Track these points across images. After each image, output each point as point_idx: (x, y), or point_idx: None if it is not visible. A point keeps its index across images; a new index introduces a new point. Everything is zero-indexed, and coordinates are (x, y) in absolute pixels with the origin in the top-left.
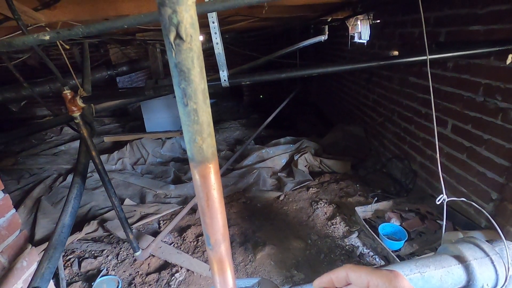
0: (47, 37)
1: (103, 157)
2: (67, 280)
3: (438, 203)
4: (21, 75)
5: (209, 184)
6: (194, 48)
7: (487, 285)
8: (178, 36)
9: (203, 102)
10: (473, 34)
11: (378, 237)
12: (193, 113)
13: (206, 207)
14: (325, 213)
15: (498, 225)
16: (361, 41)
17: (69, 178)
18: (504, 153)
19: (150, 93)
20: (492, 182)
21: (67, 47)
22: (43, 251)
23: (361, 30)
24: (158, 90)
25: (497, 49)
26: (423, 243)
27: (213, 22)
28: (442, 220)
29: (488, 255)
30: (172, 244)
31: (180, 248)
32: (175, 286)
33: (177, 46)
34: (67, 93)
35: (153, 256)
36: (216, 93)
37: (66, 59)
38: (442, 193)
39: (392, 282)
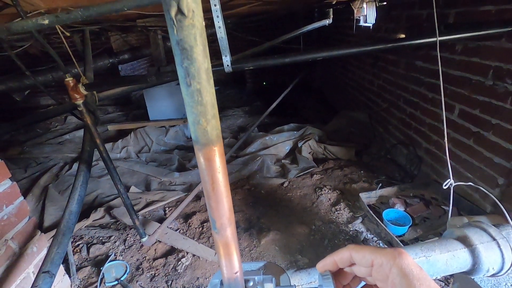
0: (46, 21)
1: (108, 146)
2: (76, 265)
3: (445, 187)
4: (23, 64)
5: (214, 167)
6: (196, 24)
7: (493, 268)
8: (180, 11)
9: (206, 82)
10: (484, 14)
11: (382, 222)
12: (196, 94)
13: (211, 190)
14: (329, 199)
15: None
16: (366, 24)
17: (75, 166)
18: None
19: (152, 79)
20: (499, 167)
21: (68, 34)
22: (52, 238)
23: (367, 13)
24: (161, 77)
25: (510, 29)
26: (428, 228)
27: (215, 5)
28: (447, 206)
29: (494, 239)
30: (178, 230)
31: (186, 234)
32: (181, 270)
33: (179, 22)
34: (69, 80)
35: (160, 242)
36: (219, 81)
37: (67, 47)
38: (449, 178)
39: (396, 260)
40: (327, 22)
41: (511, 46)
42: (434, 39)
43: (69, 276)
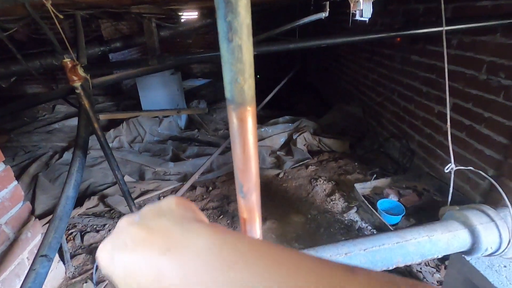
0: None
1: None
2: (70, 253)
3: (446, 171)
4: (9, 49)
5: (246, 128)
6: None
7: (491, 248)
8: None
9: (247, 38)
10: (480, 9)
11: (377, 212)
12: (237, 50)
13: (241, 152)
14: (324, 189)
15: (494, 201)
16: (362, 19)
17: (66, 155)
18: (503, 130)
19: (154, 62)
20: (490, 159)
21: (61, 17)
22: (45, 225)
23: (363, 7)
24: (163, 60)
25: (509, 21)
26: (420, 218)
27: None
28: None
29: (493, 220)
30: None
31: None
32: None
33: None
34: (67, 61)
35: None
36: (211, 72)
37: (61, 31)
38: (450, 162)
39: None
40: (323, 15)
41: (505, 41)
42: (440, 28)
43: (63, 263)
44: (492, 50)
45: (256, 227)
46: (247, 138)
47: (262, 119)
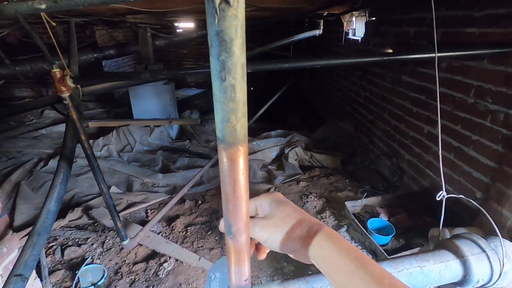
0: (43, 6)
1: None
2: (49, 268)
3: (438, 199)
4: None
5: (238, 168)
6: (239, 16)
7: (482, 280)
8: (225, 0)
9: (241, 78)
10: (468, 36)
11: (367, 231)
12: (230, 89)
13: (231, 193)
14: (315, 206)
15: (482, 223)
16: (355, 37)
17: (51, 163)
18: (490, 153)
19: (146, 76)
20: (477, 181)
21: (54, 24)
22: (24, 237)
23: (356, 27)
24: (155, 74)
25: (498, 51)
26: (410, 238)
27: None
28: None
29: (484, 251)
30: (160, 234)
31: (169, 238)
32: (163, 276)
33: (222, 12)
34: (56, 71)
35: (141, 245)
36: (205, 83)
37: (53, 37)
38: (442, 190)
39: (271, 196)
40: (317, 32)
41: (492, 67)
42: (432, 54)
43: (41, 280)
44: (480, 75)
45: (245, 269)
46: (238, 179)
47: (254, 132)
